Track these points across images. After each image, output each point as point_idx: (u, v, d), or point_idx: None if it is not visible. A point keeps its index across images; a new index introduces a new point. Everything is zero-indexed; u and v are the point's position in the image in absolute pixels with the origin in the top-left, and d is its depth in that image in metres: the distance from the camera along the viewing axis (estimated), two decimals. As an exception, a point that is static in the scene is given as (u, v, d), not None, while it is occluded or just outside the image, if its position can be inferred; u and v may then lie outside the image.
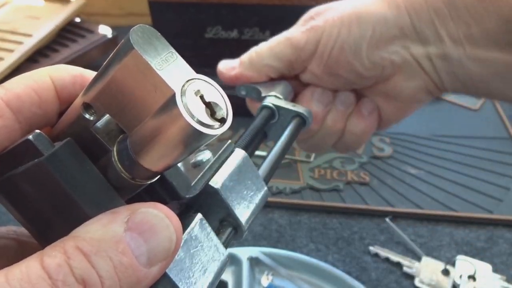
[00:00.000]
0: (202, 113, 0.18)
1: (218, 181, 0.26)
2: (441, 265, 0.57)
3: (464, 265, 0.58)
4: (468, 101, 0.89)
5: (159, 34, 0.19)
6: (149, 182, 0.22)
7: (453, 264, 0.58)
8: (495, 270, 0.58)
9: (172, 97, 0.18)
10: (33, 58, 0.92)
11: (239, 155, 0.29)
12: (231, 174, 0.27)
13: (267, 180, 0.34)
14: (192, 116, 0.18)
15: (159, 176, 0.23)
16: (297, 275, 0.56)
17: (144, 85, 0.19)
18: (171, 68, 0.19)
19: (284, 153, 0.38)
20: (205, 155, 0.27)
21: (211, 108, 0.19)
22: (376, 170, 0.74)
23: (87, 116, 0.21)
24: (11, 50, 0.88)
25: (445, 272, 0.57)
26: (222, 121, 0.19)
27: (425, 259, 0.59)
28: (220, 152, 0.28)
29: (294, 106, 0.44)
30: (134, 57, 0.18)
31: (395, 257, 0.59)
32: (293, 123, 0.43)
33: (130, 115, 0.20)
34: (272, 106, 0.44)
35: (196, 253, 0.23)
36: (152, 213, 0.19)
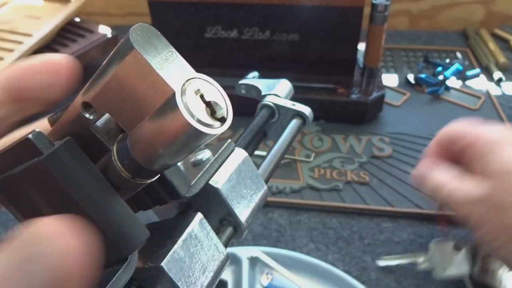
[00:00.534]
0: (202, 113, 0.18)
1: (218, 181, 0.26)
2: (450, 244, 0.57)
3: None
4: (468, 101, 0.89)
5: (159, 33, 0.19)
6: (149, 181, 0.22)
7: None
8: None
9: (172, 97, 0.18)
10: (33, 58, 0.92)
11: (239, 155, 0.29)
12: (231, 174, 0.27)
13: (267, 180, 0.34)
14: (192, 116, 0.18)
15: (159, 175, 0.23)
16: (297, 275, 0.56)
17: (144, 84, 0.19)
18: (171, 67, 0.19)
19: (284, 153, 0.38)
20: (205, 154, 0.27)
21: (211, 108, 0.19)
22: (376, 170, 0.74)
23: (87, 115, 0.21)
24: (11, 50, 0.88)
25: (457, 247, 0.57)
26: (222, 121, 0.19)
27: (432, 245, 0.58)
28: (220, 152, 0.28)
29: (294, 105, 0.44)
30: (134, 56, 0.18)
31: (406, 259, 0.59)
32: (293, 122, 0.43)
33: (130, 114, 0.20)
34: (272, 105, 0.44)
35: (196, 252, 0.23)
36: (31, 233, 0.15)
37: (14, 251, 0.15)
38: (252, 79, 0.47)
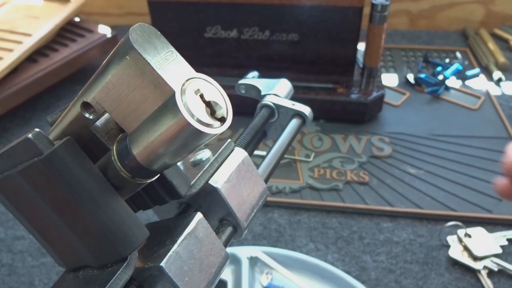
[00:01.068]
0: (202, 112, 0.18)
1: (218, 180, 0.26)
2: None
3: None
4: (468, 101, 0.89)
5: (159, 33, 0.19)
6: (149, 181, 0.22)
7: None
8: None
9: (172, 96, 0.18)
10: (33, 58, 0.92)
11: (239, 154, 0.29)
12: (231, 173, 0.27)
13: (267, 179, 0.34)
14: (192, 115, 0.18)
15: (159, 175, 0.23)
16: (297, 275, 0.56)
17: (144, 84, 0.19)
18: (171, 67, 0.19)
19: (284, 153, 0.38)
20: (205, 154, 0.27)
21: (211, 107, 0.19)
22: (376, 170, 0.74)
23: (87, 115, 0.21)
24: (11, 50, 0.88)
25: None
26: (222, 120, 0.19)
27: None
28: (220, 151, 0.28)
29: (294, 105, 0.44)
30: (134, 56, 0.18)
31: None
32: (293, 122, 0.43)
33: (130, 114, 0.20)
34: (272, 105, 0.44)
35: (196, 252, 0.23)
36: None
37: None
38: (252, 79, 0.47)
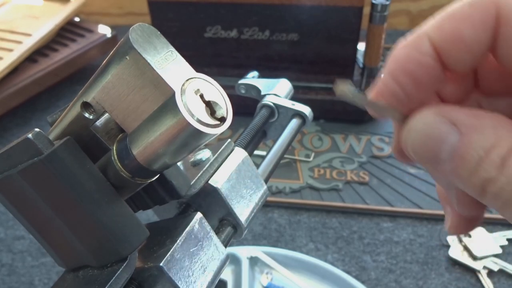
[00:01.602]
0: (202, 112, 0.18)
1: (218, 180, 0.26)
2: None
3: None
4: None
5: (159, 33, 0.19)
6: (149, 181, 0.22)
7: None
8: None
9: (172, 96, 0.18)
10: (33, 58, 0.92)
11: (239, 154, 0.29)
12: (231, 173, 0.27)
13: (267, 179, 0.34)
14: (192, 115, 0.18)
15: (159, 175, 0.23)
16: (297, 275, 0.56)
17: (144, 84, 0.19)
18: (171, 67, 0.19)
19: (284, 152, 0.38)
20: (205, 154, 0.27)
21: (211, 107, 0.19)
22: (376, 170, 0.74)
23: (87, 115, 0.21)
24: (10, 50, 0.88)
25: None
26: (222, 120, 0.19)
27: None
28: (220, 151, 0.28)
29: (294, 105, 0.44)
30: (134, 56, 0.18)
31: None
32: (293, 122, 0.43)
33: (130, 114, 0.20)
34: (272, 105, 0.44)
35: (196, 252, 0.23)
36: None
37: None
38: (252, 79, 0.47)
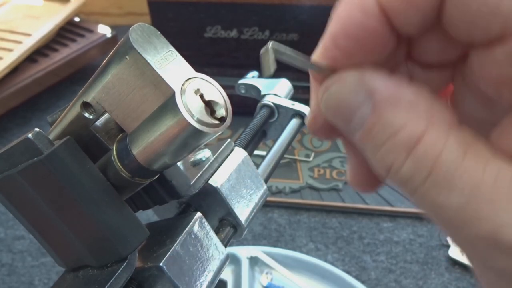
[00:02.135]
0: (202, 112, 0.18)
1: (218, 180, 0.26)
2: None
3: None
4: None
5: (159, 33, 0.19)
6: (149, 181, 0.22)
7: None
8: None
9: (172, 96, 0.18)
10: (32, 58, 0.92)
11: (239, 154, 0.29)
12: (231, 173, 0.27)
13: (267, 179, 0.34)
14: (192, 115, 0.18)
15: (159, 175, 0.23)
16: (297, 275, 0.56)
17: (144, 84, 0.19)
18: (171, 67, 0.19)
19: (284, 152, 0.38)
20: (205, 154, 0.27)
21: (211, 107, 0.19)
22: (376, 170, 0.74)
23: (86, 115, 0.21)
24: (10, 50, 0.88)
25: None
26: (222, 120, 0.19)
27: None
28: (220, 151, 0.28)
29: (294, 105, 0.44)
30: (134, 56, 0.18)
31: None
32: (293, 122, 0.43)
33: (130, 114, 0.20)
34: (272, 105, 0.44)
35: (196, 252, 0.23)
36: None
37: None
38: (252, 79, 0.47)
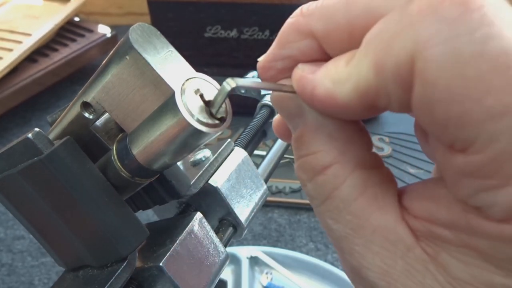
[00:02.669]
0: (202, 112, 0.18)
1: (218, 180, 0.26)
2: None
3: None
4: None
5: (159, 33, 0.19)
6: (149, 181, 0.22)
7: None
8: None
9: (172, 96, 0.18)
10: (32, 57, 0.92)
11: (239, 154, 0.29)
12: (231, 173, 0.27)
13: (267, 179, 0.34)
14: (192, 115, 0.18)
15: (159, 175, 0.23)
16: (297, 274, 0.56)
17: (144, 84, 0.19)
18: (171, 67, 0.19)
19: (284, 152, 0.38)
20: (205, 154, 0.27)
21: (211, 107, 0.19)
22: (376, 169, 0.74)
23: (86, 115, 0.21)
24: (10, 49, 0.88)
25: None
26: (222, 120, 0.19)
27: None
28: (220, 151, 0.28)
29: (294, 105, 0.44)
30: (134, 56, 0.18)
31: None
32: (293, 122, 0.43)
33: (130, 114, 0.20)
34: (272, 104, 0.44)
35: (196, 252, 0.23)
36: None
37: None
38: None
